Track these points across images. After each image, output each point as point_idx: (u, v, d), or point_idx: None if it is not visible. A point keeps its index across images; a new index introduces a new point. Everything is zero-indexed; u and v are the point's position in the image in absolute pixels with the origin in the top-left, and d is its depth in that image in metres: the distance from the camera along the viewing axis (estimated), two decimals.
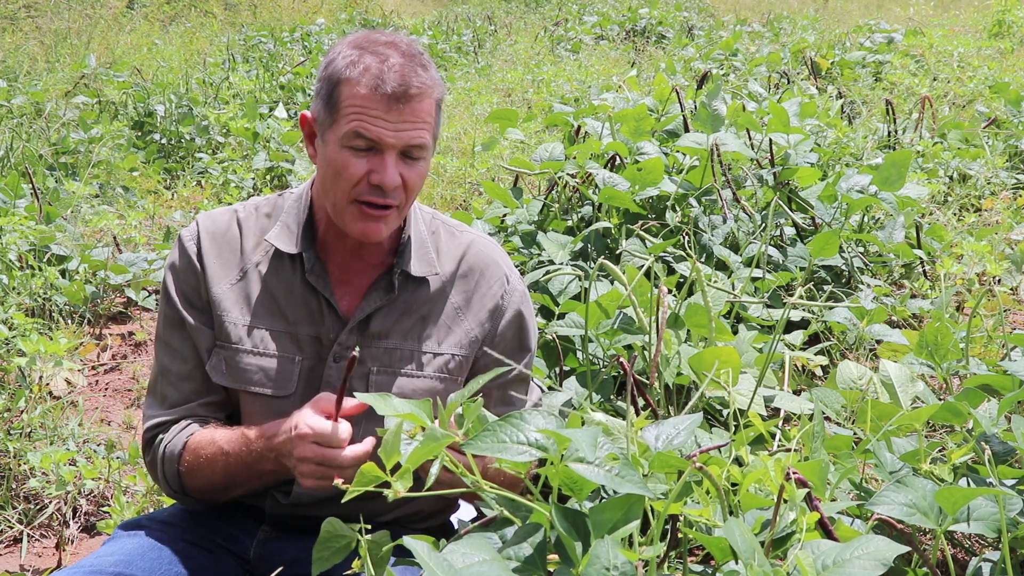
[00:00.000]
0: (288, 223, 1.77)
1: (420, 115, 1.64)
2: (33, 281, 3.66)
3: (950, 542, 1.82)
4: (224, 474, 1.67)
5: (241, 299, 1.75)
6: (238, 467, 1.66)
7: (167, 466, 1.72)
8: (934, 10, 13.22)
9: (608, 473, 1.15)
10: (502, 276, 1.84)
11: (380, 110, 1.61)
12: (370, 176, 1.64)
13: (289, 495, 1.75)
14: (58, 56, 8.85)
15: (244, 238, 1.78)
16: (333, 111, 1.65)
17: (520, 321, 1.85)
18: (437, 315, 1.79)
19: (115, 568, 1.61)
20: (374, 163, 1.64)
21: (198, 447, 1.69)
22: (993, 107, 5.97)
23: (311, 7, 13.36)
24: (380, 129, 1.62)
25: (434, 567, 1.04)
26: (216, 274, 1.76)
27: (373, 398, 1.27)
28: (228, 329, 1.73)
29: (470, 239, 1.86)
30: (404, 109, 1.62)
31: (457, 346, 1.79)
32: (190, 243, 1.77)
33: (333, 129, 1.65)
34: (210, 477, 1.69)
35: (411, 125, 1.64)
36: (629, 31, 11.34)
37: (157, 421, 1.75)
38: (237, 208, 1.82)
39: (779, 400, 2.21)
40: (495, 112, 4.07)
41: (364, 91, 1.61)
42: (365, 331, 1.75)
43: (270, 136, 6.07)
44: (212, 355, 1.74)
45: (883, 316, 2.91)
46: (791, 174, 3.70)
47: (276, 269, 1.76)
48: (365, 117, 1.62)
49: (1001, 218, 4.23)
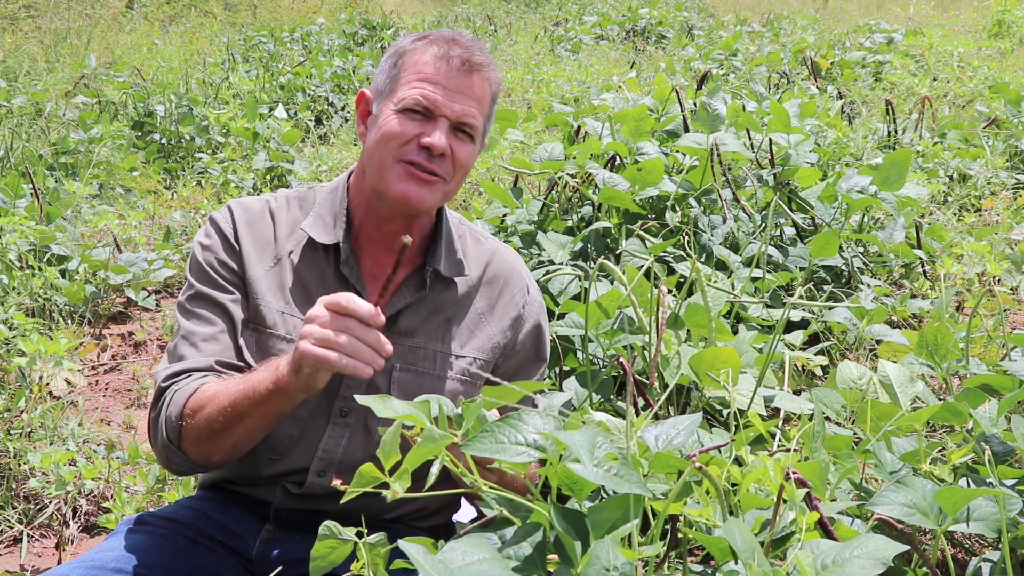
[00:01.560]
0: (322, 214, 1.78)
1: (477, 93, 1.70)
2: (33, 281, 3.66)
3: (950, 542, 1.82)
4: (233, 405, 1.58)
5: (275, 285, 1.75)
6: (249, 390, 1.57)
7: (172, 409, 1.64)
8: (934, 10, 13.22)
9: (607, 473, 1.15)
10: (524, 286, 1.88)
11: (441, 77, 1.67)
12: (420, 138, 1.67)
13: (302, 485, 1.75)
14: (58, 56, 8.85)
15: (277, 226, 1.79)
16: (394, 80, 1.70)
17: (539, 332, 1.89)
18: (461, 318, 1.81)
19: (116, 563, 1.61)
20: (426, 128, 1.67)
21: (208, 387, 1.62)
22: (993, 107, 5.96)
23: (311, 7, 13.35)
24: (438, 96, 1.67)
25: (430, 569, 1.04)
26: (251, 256, 1.76)
27: (372, 400, 1.27)
28: (263, 312, 1.74)
29: (495, 247, 1.89)
30: (464, 82, 1.68)
31: (479, 350, 1.81)
32: (226, 224, 1.77)
33: (391, 97, 1.69)
34: (214, 415, 1.59)
35: (467, 100, 1.69)
36: (629, 31, 11.33)
37: (175, 370, 1.68)
38: (269, 198, 1.83)
39: (779, 400, 2.21)
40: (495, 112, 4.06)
41: (429, 58, 1.68)
42: (393, 327, 1.75)
43: (270, 136, 6.07)
44: (244, 332, 1.74)
45: (883, 316, 2.91)
46: (791, 174, 3.70)
47: (309, 259, 1.77)
48: (426, 84, 1.67)
49: (1001, 218, 4.22)
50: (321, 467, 1.74)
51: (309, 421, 1.74)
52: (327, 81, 8.05)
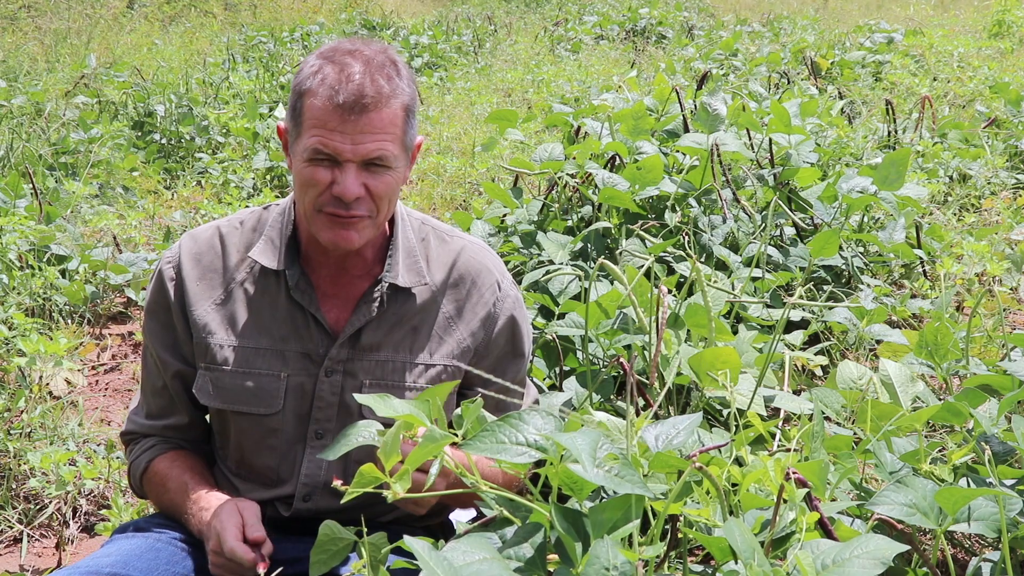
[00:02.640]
0: (272, 237, 1.75)
1: (379, 125, 1.60)
2: (33, 281, 3.66)
3: (950, 542, 1.82)
4: (169, 508, 1.78)
5: (226, 319, 1.74)
6: (177, 512, 1.76)
7: (132, 476, 1.86)
8: (934, 10, 13.22)
9: (607, 473, 1.15)
10: (494, 283, 1.82)
11: (336, 122, 1.58)
12: (332, 188, 1.62)
13: (290, 507, 1.76)
14: (58, 56, 8.85)
15: (227, 255, 1.77)
16: (297, 124, 1.64)
17: (513, 327, 1.83)
18: (429, 326, 1.77)
19: (112, 569, 1.60)
20: (336, 174, 1.62)
21: (154, 475, 1.81)
22: (993, 107, 5.97)
23: (311, 7, 13.36)
24: (336, 143, 1.59)
25: (434, 566, 1.04)
26: (198, 296, 1.75)
27: (372, 399, 1.27)
28: (214, 351, 1.73)
29: (460, 245, 1.83)
30: (360, 120, 1.59)
31: (449, 356, 1.77)
32: (168, 270, 1.77)
33: (298, 142, 1.64)
34: (160, 504, 1.82)
35: (369, 137, 1.60)
36: (629, 31, 11.33)
37: (129, 429, 1.87)
38: (220, 224, 1.81)
39: (779, 400, 2.21)
40: (495, 112, 4.07)
41: (320, 103, 1.59)
42: (356, 344, 1.73)
43: (270, 136, 6.07)
44: (198, 376, 1.75)
45: (883, 316, 2.91)
46: (791, 174, 3.70)
47: (261, 286, 1.75)
48: (323, 131, 1.59)
49: (1001, 218, 4.23)
50: (305, 492, 1.74)
51: (287, 451, 1.75)
52: None
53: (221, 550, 1.57)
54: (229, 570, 1.59)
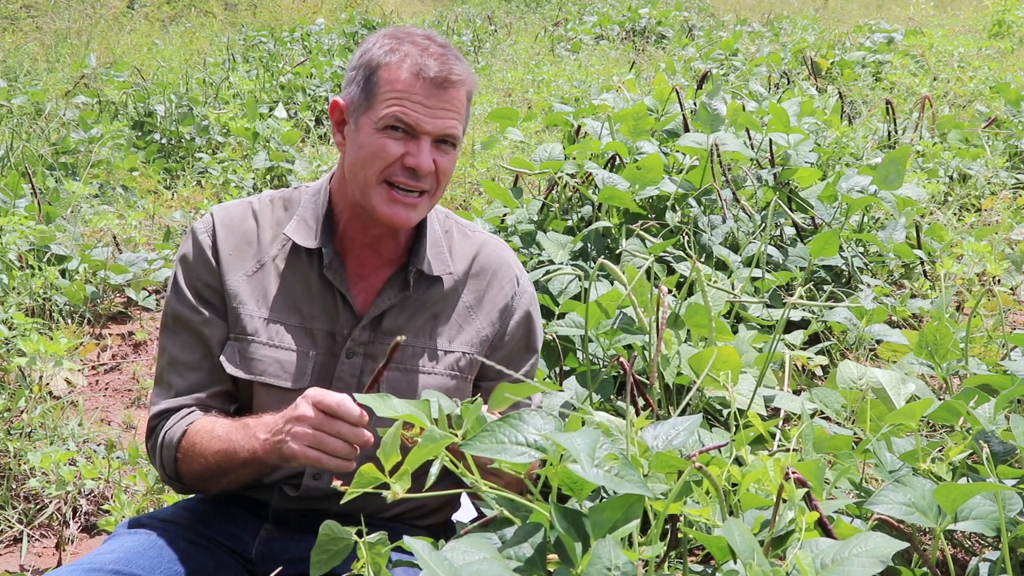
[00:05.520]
0: (305, 217, 1.78)
1: (455, 105, 1.67)
2: (33, 281, 3.66)
3: (950, 542, 1.82)
4: (217, 459, 1.66)
5: (257, 291, 1.76)
6: (231, 451, 1.63)
7: (165, 452, 1.73)
8: (934, 10, 13.22)
9: (607, 473, 1.15)
10: (513, 277, 1.87)
11: (420, 95, 1.64)
12: (404, 159, 1.66)
13: (299, 487, 1.76)
14: (58, 56, 8.84)
15: (261, 230, 1.79)
16: (370, 96, 1.67)
17: (529, 322, 1.88)
18: (449, 313, 1.81)
19: (114, 566, 1.61)
20: (410, 147, 1.66)
21: (196, 433, 1.69)
22: (993, 107, 5.97)
23: (311, 7, 13.35)
24: (418, 115, 1.64)
25: (434, 566, 1.04)
26: (231, 266, 1.76)
27: (372, 399, 1.27)
28: (244, 321, 1.74)
29: (482, 239, 1.88)
30: (443, 96, 1.65)
31: (468, 344, 1.81)
32: (204, 235, 1.78)
33: (369, 114, 1.67)
34: (204, 463, 1.67)
35: (447, 113, 1.66)
36: (629, 31, 11.33)
37: (162, 408, 1.76)
38: (252, 200, 1.83)
39: (779, 400, 2.21)
40: (495, 112, 4.07)
41: (405, 75, 1.64)
42: (378, 327, 1.76)
43: (270, 136, 6.07)
44: (226, 346, 1.75)
45: (883, 316, 2.91)
46: (791, 174, 3.70)
47: (293, 263, 1.77)
48: (405, 102, 1.64)
49: (1001, 218, 4.23)
50: (316, 470, 1.75)
51: None
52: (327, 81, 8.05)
53: (310, 415, 1.47)
54: (316, 442, 1.47)
